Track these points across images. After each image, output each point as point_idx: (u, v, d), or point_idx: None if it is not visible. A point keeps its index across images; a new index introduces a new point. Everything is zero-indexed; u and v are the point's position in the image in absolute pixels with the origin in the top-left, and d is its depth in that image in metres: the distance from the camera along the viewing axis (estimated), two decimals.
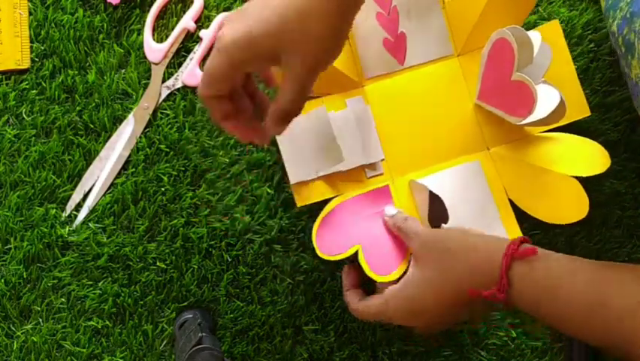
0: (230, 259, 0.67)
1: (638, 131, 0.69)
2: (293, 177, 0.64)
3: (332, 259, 0.62)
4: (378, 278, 0.61)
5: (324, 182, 0.65)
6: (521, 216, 0.64)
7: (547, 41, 0.62)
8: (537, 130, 0.65)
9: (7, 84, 0.69)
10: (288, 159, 0.64)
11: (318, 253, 0.62)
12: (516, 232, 0.64)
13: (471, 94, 0.66)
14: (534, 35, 0.62)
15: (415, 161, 0.66)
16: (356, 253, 0.62)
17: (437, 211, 0.63)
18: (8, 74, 0.69)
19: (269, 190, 0.67)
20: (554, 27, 0.65)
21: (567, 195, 0.63)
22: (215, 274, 0.67)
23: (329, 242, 0.63)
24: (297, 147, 0.64)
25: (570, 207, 0.63)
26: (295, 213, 0.67)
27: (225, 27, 0.49)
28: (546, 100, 0.60)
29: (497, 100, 0.63)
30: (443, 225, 0.62)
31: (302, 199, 0.64)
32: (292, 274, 0.67)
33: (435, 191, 0.62)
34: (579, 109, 0.66)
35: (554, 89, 0.60)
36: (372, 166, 0.65)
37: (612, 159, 0.64)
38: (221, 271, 0.67)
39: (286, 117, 0.51)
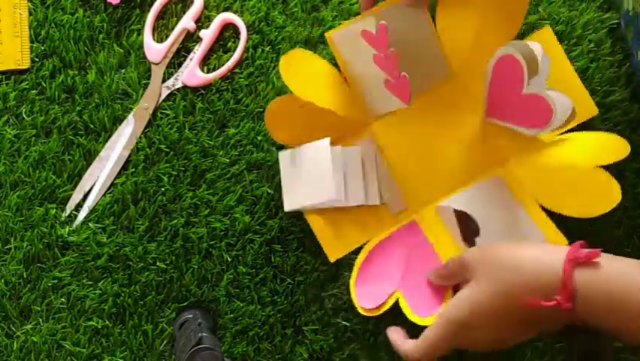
0: (230, 259, 0.67)
1: (638, 132, 0.69)
2: (287, 205, 0.65)
3: (377, 313, 0.62)
4: (422, 321, 0.60)
5: (349, 227, 0.65)
6: None
7: (542, 47, 0.62)
8: (551, 136, 0.64)
9: (7, 84, 0.69)
10: (285, 186, 0.65)
11: (361, 310, 0.62)
12: (558, 236, 0.63)
13: (479, 112, 0.66)
14: (535, 47, 0.62)
15: (436, 190, 0.65)
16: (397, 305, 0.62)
17: (468, 228, 0.63)
18: (8, 74, 0.69)
19: (269, 190, 0.67)
20: (547, 33, 0.66)
21: (597, 185, 0.62)
22: (215, 274, 0.67)
23: (368, 295, 0.63)
24: (294, 176, 0.64)
25: (603, 196, 0.62)
26: (295, 213, 0.67)
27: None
28: (558, 107, 0.59)
29: (508, 115, 0.62)
30: (476, 239, 0.61)
31: (333, 254, 0.65)
32: (292, 274, 0.67)
33: (461, 208, 0.62)
34: (586, 109, 0.65)
35: (562, 96, 0.60)
36: (392, 204, 0.65)
37: None
38: (221, 271, 0.67)
39: None
